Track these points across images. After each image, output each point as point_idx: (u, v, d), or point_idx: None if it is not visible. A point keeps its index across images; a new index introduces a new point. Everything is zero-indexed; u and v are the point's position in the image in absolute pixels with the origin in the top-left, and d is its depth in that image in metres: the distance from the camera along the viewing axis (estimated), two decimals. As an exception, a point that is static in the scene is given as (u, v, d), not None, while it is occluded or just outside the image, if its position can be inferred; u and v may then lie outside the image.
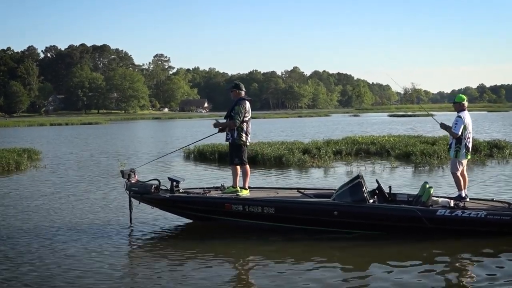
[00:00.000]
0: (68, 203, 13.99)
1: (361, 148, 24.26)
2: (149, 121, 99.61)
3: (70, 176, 19.54)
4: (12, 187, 16.95)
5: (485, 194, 12.92)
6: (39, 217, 12.30)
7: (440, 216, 9.76)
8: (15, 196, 15.21)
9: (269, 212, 10.45)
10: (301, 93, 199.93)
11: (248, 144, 11.39)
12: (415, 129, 44.43)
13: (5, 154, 22.07)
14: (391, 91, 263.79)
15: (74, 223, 11.62)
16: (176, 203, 11.08)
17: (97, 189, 16.29)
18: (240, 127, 11.04)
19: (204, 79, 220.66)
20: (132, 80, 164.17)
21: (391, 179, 16.94)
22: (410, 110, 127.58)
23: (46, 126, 75.35)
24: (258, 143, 25.31)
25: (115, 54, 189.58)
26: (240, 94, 11.33)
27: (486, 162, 20.61)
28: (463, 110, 11.07)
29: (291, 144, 25.10)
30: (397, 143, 24.56)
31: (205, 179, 17.51)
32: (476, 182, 14.74)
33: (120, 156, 26.55)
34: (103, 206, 13.40)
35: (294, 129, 53.84)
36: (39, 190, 16.26)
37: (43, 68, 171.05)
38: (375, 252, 9.17)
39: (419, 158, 19.95)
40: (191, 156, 24.98)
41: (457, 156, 10.94)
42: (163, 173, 17.78)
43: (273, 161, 21.26)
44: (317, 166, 20.51)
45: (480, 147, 22.31)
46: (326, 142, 26.11)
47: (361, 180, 10.22)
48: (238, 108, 11.02)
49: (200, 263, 8.69)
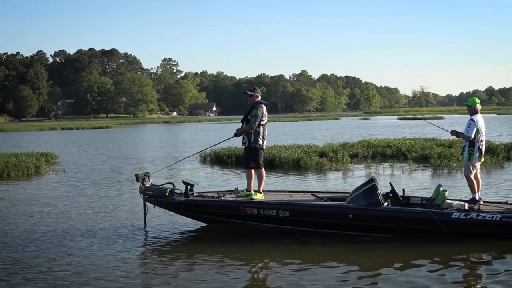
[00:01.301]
0: (84, 206, 14.11)
1: (377, 151, 24.25)
2: (159, 125, 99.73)
3: (87, 180, 19.64)
4: (31, 191, 17.07)
5: (498, 197, 12.81)
6: (55, 220, 12.43)
7: (455, 219, 9.76)
8: (33, 199, 15.36)
9: (284, 215, 10.47)
10: (309, 96, 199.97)
11: (264, 148, 11.45)
12: (427, 131, 44.35)
13: (24, 158, 22.17)
14: (399, 94, 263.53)
15: (89, 226, 11.70)
16: (191, 206, 11.11)
17: (113, 192, 16.41)
18: (257, 131, 11.11)
19: (212, 83, 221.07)
20: (140, 84, 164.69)
21: (410, 182, 16.99)
22: (419, 113, 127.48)
23: (57, 130, 75.54)
24: (274, 147, 25.38)
25: (124, 58, 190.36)
26: (256, 98, 11.40)
27: (504, 164, 20.59)
28: (476, 113, 11.08)
29: (307, 147, 25.15)
30: (413, 146, 24.53)
31: (221, 183, 17.57)
32: (489, 185, 14.57)
33: (134, 160, 26.62)
34: (119, 210, 13.51)
35: (305, 132, 53.83)
36: (57, 193, 16.41)
37: (52, 72, 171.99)
38: (389, 255, 9.18)
39: (438, 161, 19.91)
40: (207, 159, 25.05)
41: (471, 159, 10.95)
42: (178, 177, 17.81)
43: (291, 164, 21.33)
44: (335, 169, 20.54)
45: (497, 149, 22.28)
46: (342, 145, 26.12)
47: (375, 183, 10.27)
48: (256, 112, 11.09)
49: (215, 267, 8.72)
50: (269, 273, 8.58)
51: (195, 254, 9.47)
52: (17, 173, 20.54)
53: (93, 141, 46.77)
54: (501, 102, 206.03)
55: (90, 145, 42.12)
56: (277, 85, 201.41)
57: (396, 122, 79.10)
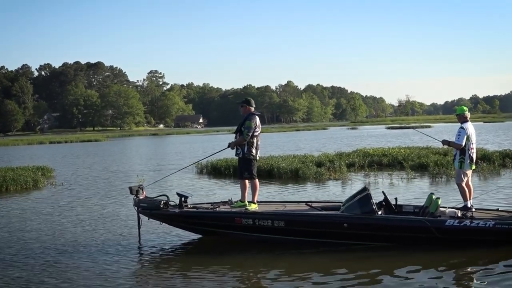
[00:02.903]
0: (80, 220, 14.08)
1: (374, 160, 24.39)
2: (147, 137, 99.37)
3: (85, 193, 19.64)
4: (29, 205, 17.06)
5: (486, 205, 12.83)
6: (51, 235, 12.37)
7: (449, 227, 9.88)
8: (32, 213, 15.42)
9: (279, 225, 10.51)
10: (296, 107, 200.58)
11: (258, 159, 11.51)
12: (417, 140, 44.58)
13: (21, 172, 22.10)
14: (385, 104, 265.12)
15: (84, 240, 11.68)
16: (186, 218, 11.11)
17: (110, 205, 16.42)
18: (250, 142, 11.19)
19: (199, 95, 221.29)
20: (127, 96, 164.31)
21: (410, 190, 17.18)
22: (405, 122, 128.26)
23: (46, 144, 75.04)
24: (270, 157, 25.46)
25: (110, 71, 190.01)
26: (250, 109, 11.48)
27: (501, 172, 20.83)
28: (466, 121, 11.22)
29: (304, 157, 25.25)
30: (409, 155, 24.71)
31: (217, 194, 17.52)
32: (484, 192, 14.74)
33: (131, 172, 26.63)
34: (114, 223, 13.49)
35: (294, 143, 53.61)
36: (55, 207, 16.41)
37: (38, 86, 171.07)
38: (384, 264, 9.25)
39: (436, 169, 20.09)
40: (204, 171, 25.07)
41: (462, 167, 11.06)
42: (172, 189, 17.81)
43: (289, 174, 21.40)
44: (334, 178, 20.64)
45: (493, 157, 22.52)
46: (339, 155, 26.26)
47: (370, 192, 10.37)
48: (249, 123, 11.17)
49: (210, 279, 8.74)
50: (265, 284, 8.57)
51: (190, 265, 9.49)
52: (15, 187, 20.50)
53: (85, 154, 46.49)
54: (486, 110, 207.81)
55: (82, 158, 41.88)
56: (263, 96, 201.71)
57: (384, 131, 79.49)
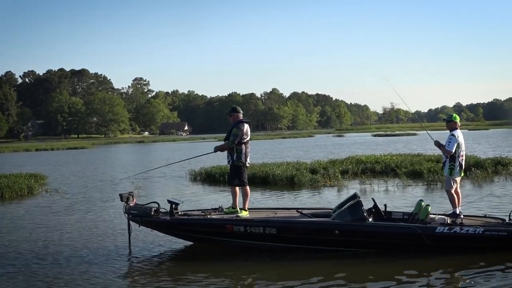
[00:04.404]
0: (72, 227, 14.07)
1: (367, 167, 24.54)
2: (133, 145, 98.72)
3: (78, 200, 19.62)
4: (23, 212, 17.06)
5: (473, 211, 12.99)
6: (43, 242, 12.33)
7: (439, 233, 10.01)
8: (25, 220, 15.41)
9: (271, 232, 10.54)
10: (281, 114, 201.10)
11: (247, 166, 11.56)
12: (406, 148, 44.95)
13: (15, 180, 22.00)
14: (369, 111, 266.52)
15: (75, 247, 11.68)
16: (177, 225, 11.11)
17: (101, 212, 16.46)
18: (239, 149, 11.31)
19: (184, 102, 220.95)
20: (112, 104, 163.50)
21: (405, 197, 17.35)
22: (390, 129, 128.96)
23: (32, 152, 74.45)
24: (264, 164, 25.55)
25: (94, 78, 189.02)
26: (238, 117, 11.60)
27: (495, 179, 21.05)
28: (456, 128, 11.33)
29: (297, 164, 25.34)
30: (402, 162, 24.89)
31: (209, 201, 17.50)
32: (467, 200, 14.94)
33: (124, 179, 26.53)
34: (105, 230, 13.49)
35: (281, 150, 53.62)
36: (47, 214, 16.35)
37: (21, 93, 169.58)
38: (375, 270, 9.33)
39: (432, 176, 20.26)
40: (198, 178, 25.07)
41: (452, 174, 11.15)
42: (164, 196, 17.61)
43: (285, 181, 21.46)
44: (329, 185, 20.73)
45: (485, 164, 22.77)
46: (332, 162, 26.39)
47: (360, 199, 10.46)
48: (236, 131, 11.32)
49: (201, 286, 8.74)
50: None
51: (180, 272, 9.50)
52: (11, 194, 20.43)
53: (75, 162, 46.24)
54: (470, 118, 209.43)
55: (73, 165, 41.65)
56: (248, 103, 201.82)
57: (371, 139, 79.95)
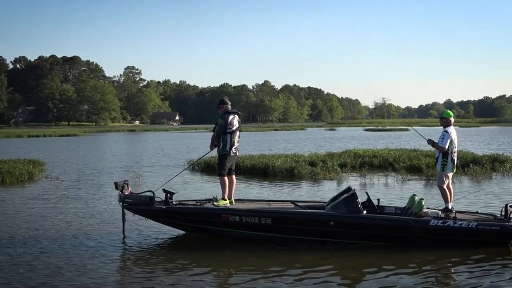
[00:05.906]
0: (65, 214, 14.03)
1: (365, 161, 24.70)
2: (125, 133, 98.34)
3: (76, 187, 19.67)
4: (22, 197, 17.05)
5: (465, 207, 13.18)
6: (37, 229, 12.26)
7: (433, 227, 10.16)
8: (23, 206, 15.41)
9: (266, 222, 10.57)
10: (272, 106, 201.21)
11: (232, 155, 11.52)
12: (398, 142, 45.18)
13: (15, 165, 21.99)
14: (360, 106, 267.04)
15: (69, 235, 11.63)
16: (172, 214, 11.10)
17: (97, 200, 16.45)
18: (224, 139, 11.40)
19: (175, 92, 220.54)
20: (103, 92, 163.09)
21: (403, 191, 17.46)
22: (381, 124, 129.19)
23: (24, 138, 74.08)
24: (262, 156, 25.68)
25: (86, 66, 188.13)
26: (226, 108, 11.69)
27: (493, 175, 21.23)
28: (450, 125, 11.43)
29: (296, 157, 25.47)
30: (400, 156, 25.08)
31: (206, 191, 17.48)
32: (458, 196, 15.00)
33: (123, 167, 26.63)
34: (101, 218, 13.45)
35: (275, 142, 53.75)
36: (45, 201, 16.28)
37: (12, 79, 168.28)
38: (369, 262, 9.39)
39: (431, 171, 20.44)
40: (196, 168, 25.13)
41: (444, 170, 11.24)
42: (160, 185, 17.83)
43: (285, 173, 21.56)
44: (329, 178, 20.87)
45: (482, 160, 23.00)
46: (330, 155, 26.54)
47: (355, 192, 10.56)
48: (220, 121, 11.45)
49: (195, 275, 8.73)
50: (249, 282, 8.49)
51: (174, 262, 9.48)
52: (11, 179, 20.41)
53: (70, 149, 46.17)
54: (461, 115, 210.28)
55: (70, 152, 41.62)
56: (240, 95, 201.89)
57: (362, 133, 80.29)
